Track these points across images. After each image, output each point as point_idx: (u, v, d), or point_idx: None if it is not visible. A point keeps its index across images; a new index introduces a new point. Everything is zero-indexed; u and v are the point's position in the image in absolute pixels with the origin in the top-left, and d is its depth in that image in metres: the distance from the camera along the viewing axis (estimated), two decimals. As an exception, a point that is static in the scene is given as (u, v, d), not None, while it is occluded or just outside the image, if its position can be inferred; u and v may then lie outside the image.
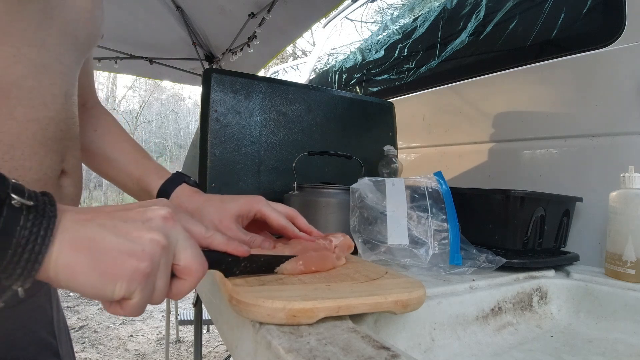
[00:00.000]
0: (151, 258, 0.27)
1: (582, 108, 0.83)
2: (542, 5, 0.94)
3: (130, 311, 0.27)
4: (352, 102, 0.95)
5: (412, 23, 1.41)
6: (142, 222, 0.28)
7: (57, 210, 0.25)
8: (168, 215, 0.29)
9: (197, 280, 0.30)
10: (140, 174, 0.53)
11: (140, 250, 0.26)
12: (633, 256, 0.59)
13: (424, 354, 0.45)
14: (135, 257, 0.26)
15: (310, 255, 0.43)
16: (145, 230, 0.27)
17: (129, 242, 0.26)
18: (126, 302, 0.27)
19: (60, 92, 0.40)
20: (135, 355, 2.56)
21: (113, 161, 0.54)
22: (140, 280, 0.26)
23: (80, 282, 0.25)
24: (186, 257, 0.29)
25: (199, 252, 0.31)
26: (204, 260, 0.31)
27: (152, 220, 0.28)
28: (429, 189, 0.63)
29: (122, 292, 0.26)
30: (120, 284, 0.26)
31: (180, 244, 0.29)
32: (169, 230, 0.29)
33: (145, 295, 0.27)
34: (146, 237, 0.27)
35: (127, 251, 0.26)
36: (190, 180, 0.54)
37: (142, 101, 11.69)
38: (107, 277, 0.25)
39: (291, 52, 8.91)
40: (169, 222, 0.29)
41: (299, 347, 0.28)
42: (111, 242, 0.26)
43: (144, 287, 0.27)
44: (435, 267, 0.58)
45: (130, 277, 0.26)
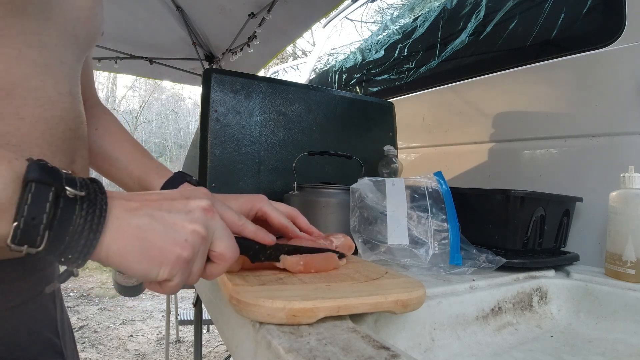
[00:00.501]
0: (192, 247, 0.30)
1: (582, 108, 0.83)
2: (542, 5, 0.94)
3: (168, 290, 0.31)
4: (352, 102, 0.95)
5: (412, 23, 1.41)
6: (186, 214, 0.31)
7: (107, 198, 0.28)
8: (207, 207, 0.32)
9: (229, 264, 0.34)
10: (141, 173, 0.53)
11: (183, 240, 0.30)
12: (633, 256, 0.59)
13: (424, 354, 0.45)
14: (179, 246, 0.29)
15: (313, 256, 0.43)
16: (188, 222, 0.30)
17: (173, 233, 0.30)
18: (166, 283, 0.30)
19: (66, 91, 0.40)
20: (135, 355, 2.56)
21: (114, 160, 0.54)
22: (182, 266, 0.30)
23: (130, 266, 0.28)
24: (221, 245, 0.33)
25: (233, 240, 0.34)
26: (236, 248, 0.34)
27: (194, 211, 0.31)
28: (429, 189, 0.63)
29: (165, 275, 0.29)
30: (164, 269, 0.29)
31: (217, 233, 0.33)
32: (208, 221, 0.32)
33: (183, 278, 0.31)
34: (189, 228, 0.30)
35: (172, 241, 0.29)
36: (192, 179, 0.54)
37: (142, 101, 11.69)
38: (154, 263, 0.29)
39: (291, 52, 8.91)
40: (208, 214, 0.32)
41: (299, 347, 0.28)
42: (159, 232, 0.29)
43: (183, 272, 0.30)
44: (435, 267, 0.58)
45: (173, 263, 0.29)
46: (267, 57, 2.59)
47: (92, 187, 0.27)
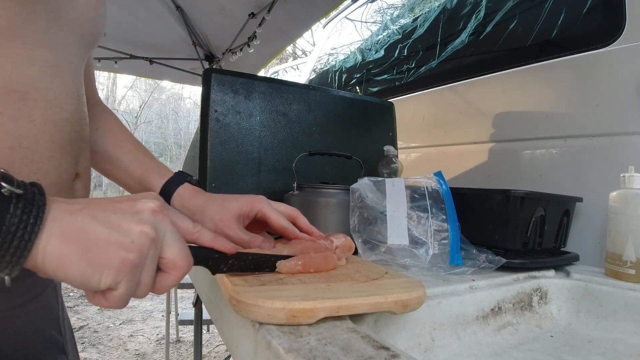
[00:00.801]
0: (140, 250, 0.27)
1: (582, 108, 0.83)
2: (542, 5, 0.94)
3: (114, 302, 0.27)
4: (352, 102, 0.95)
5: (412, 23, 1.41)
6: (132, 215, 0.28)
7: (46, 200, 0.26)
8: (157, 209, 0.30)
9: (181, 275, 0.31)
10: (141, 173, 0.53)
11: (129, 242, 0.27)
12: (633, 256, 0.59)
13: (424, 354, 0.45)
14: (124, 248, 0.26)
15: (311, 256, 0.43)
16: (134, 223, 0.28)
17: (118, 234, 0.27)
18: (111, 293, 0.27)
19: (73, 93, 0.40)
20: (135, 355, 2.56)
21: (115, 160, 0.54)
22: (127, 271, 0.27)
23: (68, 271, 0.25)
24: (172, 251, 0.30)
25: (185, 247, 0.31)
26: (189, 255, 0.31)
27: (142, 212, 0.29)
28: (429, 189, 0.63)
29: (109, 282, 0.26)
30: (107, 274, 0.26)
31: (168, 237, 0.30)
32: (157, 223, 0.29)
33: (130, 287, 0.27)
34: (136, 229, 0.27)
35: (116, 242, 0.26)
36: (193, 179, 0.54)
37: (142, 101, 11.69)
38: (95, 267, 0.26)
39: (291, 52, 8.91)
40: (158, 215, 0.29)
41: (299, 347, 0.28)
42: (101, 232, 0.26)
43: (130, 279, 0.27)
44: (435, 267, 0.58)
45: (117, 267, 0.26)
46: (267, 57, 2.59)
47: (30, 189, 0.25)
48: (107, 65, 2.66)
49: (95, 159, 0.55)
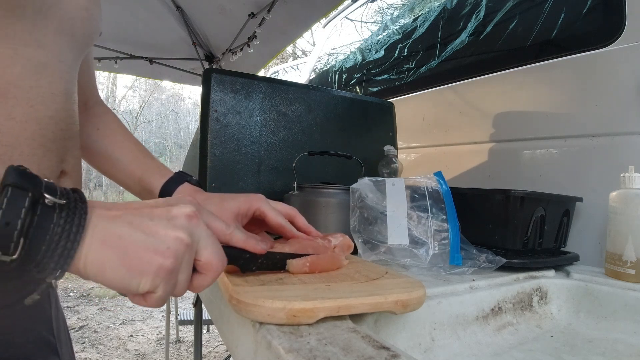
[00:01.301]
0: (175, 255, 0.28)
1: (582, 108, 0.83)
2: (542, 5, 0.94)
3: (153, 303, 0.29)
4: (352, 102, 0.95)
5: (412, 23, 1.41)
6: (168, 220, 0.29)
7: (87, 207, 0.27)
8: (192, 214, 0.30)
9: (216, 275, 0.32)
10: (142, 173, 0.53)
11: (165, 248, 0.28)
12: (633, 256, 0.59)
13: (424, 354, 0.45)
14: (161, 254, 0.28)
15: (319, 257, 0.43)
16: (170, 229, 0.29)
17: (155, 240, 0.28)
18: (150, 295, 0.28)
19: (60, 91, 0.40)
20: (135, 355, 2.56)
21: (115, 160, 0.54)
22: (164, 276, 0.28)
23: (109, 277, 0.27)
24: (207, 254, 0.31)
25: (220, 249, 0.32)
26: (223, 257, 0.32)
27: (177, 218, 0.30)
28: (429, 189, 0.63)
29: (147, 286, 0.28)
30: (145, 279, 0.27)
31: (203, 241, 0.31)
32: (192, 228, 0.30)
33: (167, 289, 0.29)
34: (171, 236, 0.28)
35: (153, 249, 0.27)
36: (193, 179, 0.54)
37: (142, 101, 11.69)
38: (134, 273, 0.27)
39: (291, 52, 8.91)
40: (192, 221, 0.30)
41: (299, 347, 0.28)
42: (138, 239, 0.27)
43: (167, 282, 0.28)
44: (435, 267, 0.58)
45: (155, 273, 0.27)
46: (267, 57, 2.59)
47: (72, 196, 0.26)
48: (107, 65, 2.66)
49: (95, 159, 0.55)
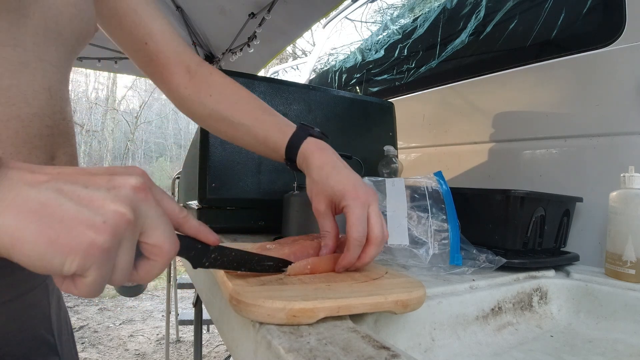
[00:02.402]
0: (113, 232, 0.23)
1: (582, 108, 0.83)
2: (542, 5, 0.94)
3: (84, 290, 0.24)
4: (352, 102, 0.95)
5: (412, 23, 1.41)
6: (108, 190, 0.24)
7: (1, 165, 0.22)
8: (140, 186, 0.25)
9: (167, 261, 0.27)
10: (264, 135, 0.51)
11: (101, 222, 0.23)
12: (633, 256, 0.59)
13: (424, 354, 0.45)
14: (94, 229, 0.22)
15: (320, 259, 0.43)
16: (109, 200, 0.23)
17: (88, 212, 0.23)
18: (80, 279, 0.23)
19: (42, 88, 0.39)
20: (135, 355, 2.56)
21: (237, 126, 0.52)
22: (97, 256, 0.22)
23: (25, 252, 0.21)
24: (157, 235, 0.26)
25: (172, 231, 0.27)
26: (176, 241, 0.28)
27: (119, 189, 0.24)
28: (429, 189, 0.63)
29: (75, 267, 0.22)
30: (72, 258, 0.22)
31: (152, 220, 0.26)
32: (139, 202, 0.25)
33: (102, 274, 0.23)
34: (110, 208, 0.23)
35: (85, 221, 0.22)
36: (315, 131, 0.50)
37: (142, 101, 11.69)
38: (57, 248, 0.22)
39: (291, 52, 8.91)
40: (140, 194, 0.25)
41: (299, 347, 0.28)
42: (67, 209, 0.22)
43: (101, 265, 0.23)
44: (436, 267, 0.59)
45: (85, 251, 0.22)
46: (267, 57, 2.58)
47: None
48: (107, 65, 2.65)
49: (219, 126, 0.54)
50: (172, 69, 0.54)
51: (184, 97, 0.55)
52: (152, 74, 0.56)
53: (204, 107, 0.53)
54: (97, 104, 11.07)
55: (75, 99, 10.47)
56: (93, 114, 10.96)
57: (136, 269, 0.27)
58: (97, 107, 11.08)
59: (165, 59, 0.54)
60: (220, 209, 0.76)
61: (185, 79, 0.54)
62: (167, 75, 0.55)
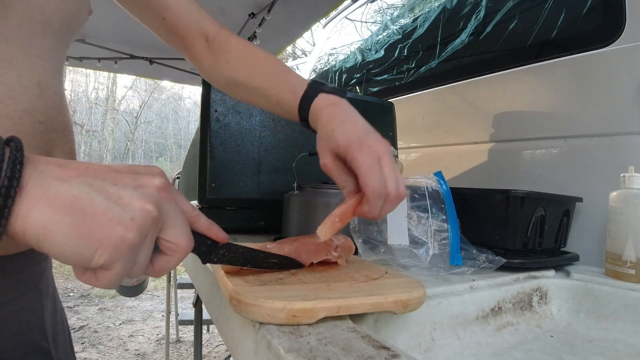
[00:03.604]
0: (140, 229, 0.24)
1: (582, 108, 0.83)
2: (542, 5, 0.94)
3: (105, 282, 0.25)
4: (352, 102, 0.94)
5: (412, 23, 1.41)
6: (135, 189, 0.25)
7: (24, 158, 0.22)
8: (163, 186, 0.27)
9: (182, 257, 0.29)
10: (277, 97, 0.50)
11: (129, 219, 0.24)
12: (633, 256, 0.59)
13: (424, 353, 0.45)
14: (124, 225, 0.23)
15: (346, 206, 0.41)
16: (137, 198, 0.25)
17: (118, 208, 0.24)
18: (103, 272, 0.24)
19: (31, 83, 0.38)
20: (135, 355, 2.56)
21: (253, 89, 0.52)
22: (125, 251, 0.24)
23: (57, 244, 0.22)
24: (176, 232, 0.27)
25: (189, 229, 0.29)
26: (192, 239, 0.29)
27: (146, 187, 0.25)
28: (429, 189, 0.63)
29: (103, 260, 0.23)
30: (101, 251, 0.23)
31: (171, 219, 0.27)
32: (162, 201, 0.26)
33: (125, 267, 0.25)
34: (137, 206, 0.24)
35: (115, 217, 0.23)
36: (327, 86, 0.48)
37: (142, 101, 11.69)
38: (89, 242, 0.23)
39: (291, 52, 8.91)
40: (163, 193, 0.26)
41: (299, 347, 0.28)
42: (99, 204, 0.23)
43: (127, 259, 0.24)
44: (435, 267, 0.59)
45: (114, 245, 0.23)
46: (267, 57, 2.58)
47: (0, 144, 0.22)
48: (107, 65, 2.66)
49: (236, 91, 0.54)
50: (191, 40, 0.54)
51: (206, 68, 0.55)
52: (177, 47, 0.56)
53: (222, 75, 0.54)
54: (97, 104, 11.07)
55: (75, 99, 10.48)
56: (93, 114, 10.96)
57: (152, 263, 0.28)
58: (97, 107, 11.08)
59: (184, 30, 0.53)
60: (220, 209, 0.76)
61: (204, 50, 0.54)
62: (189, 46, 0.54)
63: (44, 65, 0.40)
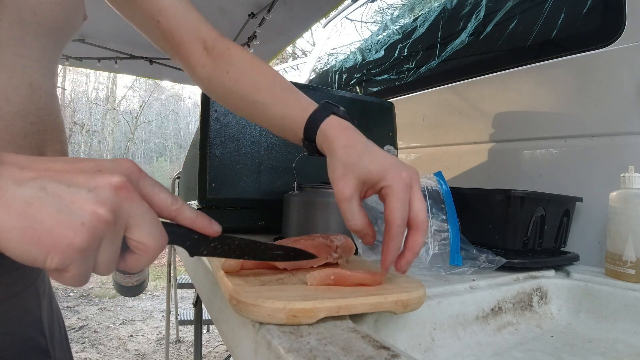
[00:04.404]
0: (91, 234, 0.24)
1: (582, 108, 0.83)
2: (542, 5, 0.94)
3: (68, 282, 0.25)
4: (352, 102, 0.95)
5: (412, 23, 1.41)
6: (89, 190, 0.24)
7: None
8: (121, 185, 0.25)
9: (152, 257, 0.28)
10: (282, 112, 0.47)
11: (79, 224, 0.23)
12: (633, 256, 0.59)
13: (424, 354, 0.45)
14: (72, 230, 0.23)
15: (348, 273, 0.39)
16: (89, 201, 0.24)
17: (68, 213, 0.23)
18: (63, 273, 0.24)
19: (23, 84, 0.38)
20: (135, 355, 2.56)
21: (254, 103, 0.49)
22: (75, 255, 0.23)
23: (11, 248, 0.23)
24: (140, 233, 0.26)
25: (157, 227, 0.28)
26: (160, 237, 0.28)
27: (100, 189, 0.24)
28: (429, 189, 0.63)
29: (55, 264, 0.23)
30: (52, 256, 0.23)
31: (134, 219, 0.26)
32: (120, 202, 0.25)
33: (82, 269, 0.25)
34: (88, 209, 0.24)
35: (64, 223, 0.23)
36: (340, 110, 0.46)
37: (142, 101, 11.69)
38: (39, 247, 0.23)
39: (291, 52, 8.91)
40: (121, 193, 0.25)
41: (299, 347, 0.28)
42: (49, 209, 0.23)
43: (80, 262, 0.24)
44: (435, 267, 0.59)
45: (63, 251, 0.23)
46: (267, 57, 2.58)
47: None
48: (107, 65, 2.65)
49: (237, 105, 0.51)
50: (188, 47, 0.51)
51: (203, 78, 0.52)
52: (172, 54, 0.53)
53: (222, 86, 0.51)
54: (97, 104, 11.07)
55: (75, 99, 10.48)
56: (93, 114, 10.96)
57: (125, 260, 0.28)
58: (97, 107, 11.08)
59: (180, 36, 0.51)
60: (220, 209, 0.76)
61: (202, 57, 0.51)
62: (184, 53, 0.52)
63: (36, 66, 0.40)
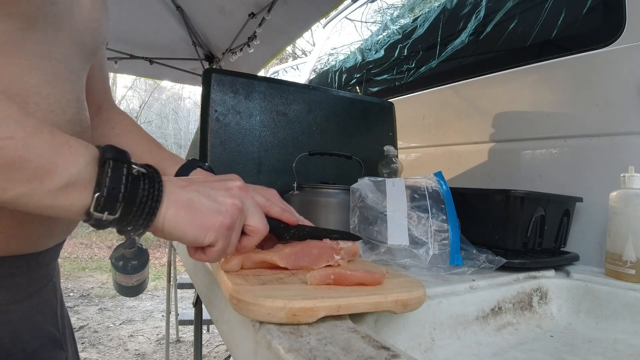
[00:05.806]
0: (232, 216, 0.36)
1: (582, 108, 0.83)
2: (542, 5, 0.94)
3: (212, 256, 0.37)
4: (352, 102, 0.95)
5: (412, 23, 1.41)
6: (225, 190, 0.37)
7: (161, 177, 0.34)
8: (243, 187, 0.39)
9: (260, 238, 0.40)
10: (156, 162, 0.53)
11: (224, 210, 0.36)
12: (633, 256, 0.59)
13: (424, 354, 0.45)
14: (222, 215, 0.36)
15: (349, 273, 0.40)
16: (227, 197, 0.37)
17: (216, 204, 0.36)
18: (210, 249, 0.36)
19: (74, 98, 0.43)
20: (135, 355, 2.56)
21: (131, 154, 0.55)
22: (224, 232, 0.36)
23: (182, 231, 0.34)
24: (254, 220, 0.39)
25: (263, 216, 0.40)
26: (267, 224, 0.40)
27: (232, 189, 0.38)
28: (429, 189, 0.63)
29: (211, 239, 0.35)
30: (210, 234, 0.35)
31: (251, 209, 0.39)
32: (243, 197, 0.38)
33: (224, 244, 0.36)
34: (228, 202, 0.36)
35: (216, 211, 0.35)
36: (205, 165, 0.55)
37: (142, 101, 11.69)
38: (202, 228, 0.35)
39: (291, 52, 8.90)
40: (243, 192, 0.39)
41: (299, 347, 0.28)
42: (205, 203, 0.35)
43: (225, 238, 0.36)
44: (435, 267, 0.58)
45: (217, 229, 0.35)
46: (267, 57, 2.58)
47: (149, 168, 0.34)
48: (107, 66, 2.65)
49: None
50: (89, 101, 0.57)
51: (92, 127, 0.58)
52: None
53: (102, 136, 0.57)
54: (97, 104, 11.04)
55: (75, 99, 10.45)
56: (93, 114, 10.92)
57: (240, 242, 0.39)
58: (97, 107, 11.04)
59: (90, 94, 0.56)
60: (220, 209, 0.76)
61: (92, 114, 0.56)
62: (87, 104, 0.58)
63: (79, 82, 0.45)
